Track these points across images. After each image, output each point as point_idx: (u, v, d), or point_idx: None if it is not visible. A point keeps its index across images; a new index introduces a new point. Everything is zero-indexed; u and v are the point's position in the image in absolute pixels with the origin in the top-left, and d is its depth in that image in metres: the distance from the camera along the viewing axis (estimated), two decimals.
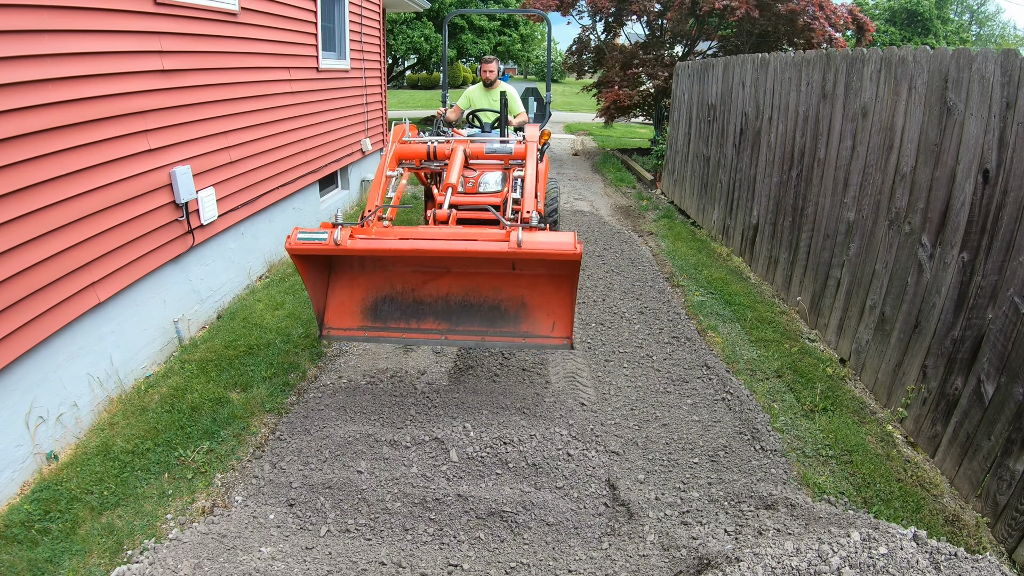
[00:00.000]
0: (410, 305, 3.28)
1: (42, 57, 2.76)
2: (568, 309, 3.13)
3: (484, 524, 2.60)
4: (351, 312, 3.27)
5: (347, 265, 3.31)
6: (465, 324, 3.23)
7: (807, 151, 4.62)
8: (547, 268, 3.20)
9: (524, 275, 3.24)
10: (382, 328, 3.24)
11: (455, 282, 3.29)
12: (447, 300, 3.28)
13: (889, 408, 3.44)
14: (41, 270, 2.78)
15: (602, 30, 13.26)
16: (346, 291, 3.29)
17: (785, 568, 1.92)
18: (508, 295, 3.25)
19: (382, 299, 3.29)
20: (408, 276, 3.30)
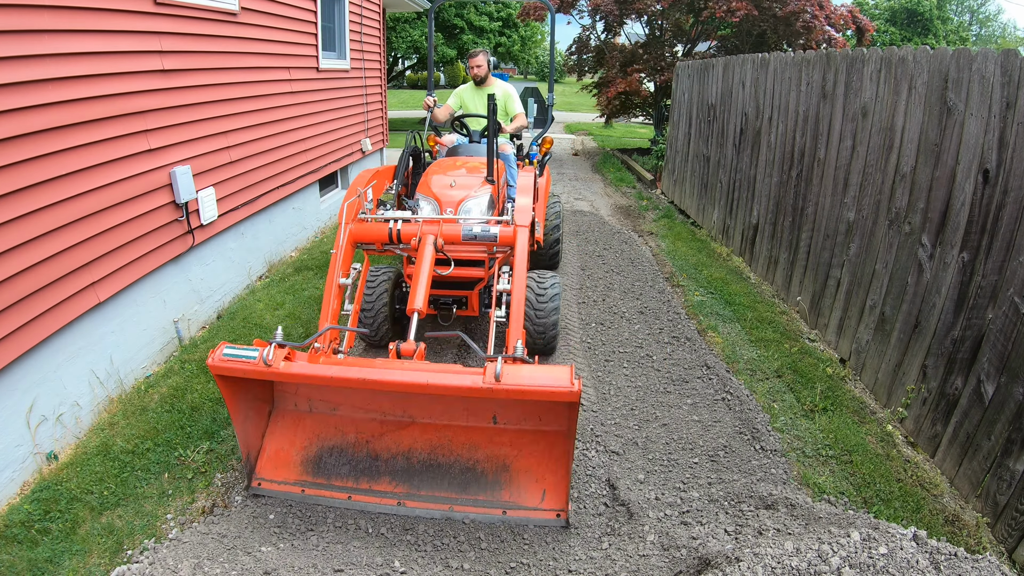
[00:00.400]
0: (362, 460, 2.70)
1: (42, 57, 2.76)
2: (563, 472, 2.54)
3: None
4: (289, 461, 2.71)
5: (289, 403, 2.79)
6: (429, 488, 2.62)
7: (807, 151, 4.62)
8: (535, 420, 2.64)
9: (508, 430, 2.68)
10: (324, 485, 2.66)
11: (420, 435, 2.71)
12: (408, 457, 2.69)
13: (889, 408, 3.44)
14: (41, 270, 2.78)
15: (602, 30, 13.26)
16: (286, 435, 2.76)
17: (785, 568, 1.92)
18: (486, 454, 2.66)
19: (328, 449, 2.73)
20: (363, 424, 2.75)
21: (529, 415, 2.65)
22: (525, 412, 2.66)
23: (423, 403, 2.70)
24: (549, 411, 2.62)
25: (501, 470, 2.63)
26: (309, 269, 5.30)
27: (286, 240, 5.75)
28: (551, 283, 3.71)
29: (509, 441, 2.66)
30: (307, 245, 6.16)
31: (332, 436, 2.75)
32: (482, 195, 3.59)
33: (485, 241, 3.18)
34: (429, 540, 2.52)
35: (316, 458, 2.72)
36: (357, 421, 2.76)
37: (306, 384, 2.69)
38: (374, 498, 2.62)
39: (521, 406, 2.62)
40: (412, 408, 2.72)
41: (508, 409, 2.66)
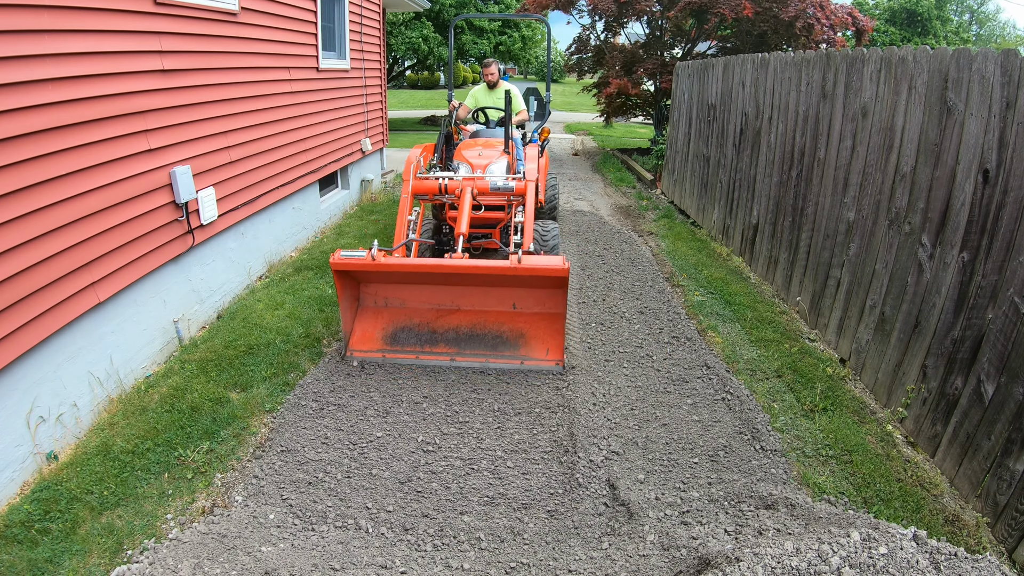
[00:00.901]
0: (425, 334, 3.91)
1: (42, 57, 2.76)
2: (559, 338, 3.80)
3: (486, 515, 2.61)
4: (373, 338, 3.91)
5: (370, 300, 4.01)
6: (472, 349, 3.86)
7: (807, 151, 4.62)
8: (541, 305, 3.90)
9: (523, 313, 3.94)
10: (399, 351, 3.86)
11: (464, 318, 3.94)
12: (457, 331, 3.92)
13: (889, 408, 3.44)
14: (41, 270, 2.78)
15: (602, 30, 13.26)
16: (370, 321, 3.96)
17: (785, 568, 1.92)
18: (509, 328, 3.92)
19: (400, 329, 3.93)
20: (424, 312, 3.97)
21: (537, 302, 3.92)
22: (535, 299, 3.92)
23: (467, 294, 3.95)
24: (550, 297, 3.87)
25: (519, 337, 3.89)
26: (309, 269, 5.29)
27: (286, 240, 5.75)
28: (552, 227, 5.17)
29: (524, 320, 3.94)
30: (307, 245, 6.15)
31: (403, 321, 3.97)
32: (501, 162, 4.98)
33: (505, 191, 4.51)
34: (429, 540, 2.52)
35: (392, 335, 3.92)
36: (420, 311, 4.00)
37: (386, 282, 3.95)
38: (434, 356, 3.83)
39: (532, 294, 3.89)
40: (459, 299, 3.97)
41: (523, 298, 3.93)
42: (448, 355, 3.80)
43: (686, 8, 10.65)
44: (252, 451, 3.04)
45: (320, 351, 4.01)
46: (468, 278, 3.75)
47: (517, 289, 3.90)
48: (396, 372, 3.79)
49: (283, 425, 3.23)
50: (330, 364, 3.86)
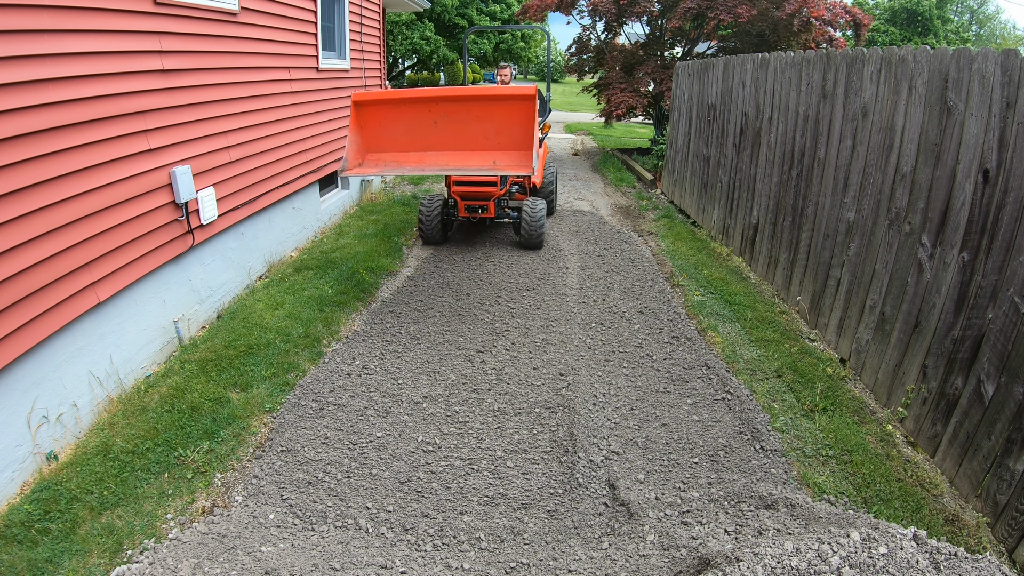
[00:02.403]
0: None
1: (42, 57, 2.76)
2: (527, 152, 4.34)
3: (486, 515, 2.61)
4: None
5: (373, 166, 4.45)
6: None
7: (807, 151, 4.62)
8: (517, 161, 4.38)
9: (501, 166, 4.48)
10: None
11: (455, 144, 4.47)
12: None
13: (889, 408, 3.44)
14: (41, 270, 2.78)
15: (602, 30, 13.26)
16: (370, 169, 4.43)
17: (785, 568, 1.92)
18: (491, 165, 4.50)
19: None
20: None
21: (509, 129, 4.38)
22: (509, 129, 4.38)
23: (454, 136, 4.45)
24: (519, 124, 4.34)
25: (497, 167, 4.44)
26: (309, 269, 5.29)
27: (286, 240, 5.75)
28: (540, 205, 6.18)
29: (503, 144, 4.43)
30: (307, 245, 6.15)
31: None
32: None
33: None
34: (429, 540, 2.52)
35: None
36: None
37: (391, 131, 4.39)
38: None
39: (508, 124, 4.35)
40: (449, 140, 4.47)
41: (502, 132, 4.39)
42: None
43: (685, 14, 10.64)
44: (252, 451, 3.04)
45: (320, 351, 4.01)
46: (458, 130, 4.30)
47: (497, 152, 4.47)
48: (396, 372, 3.79)
49: (283, 425, 3.23)
50: (330, 364, 3.86)
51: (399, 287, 5.22)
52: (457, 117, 4.23)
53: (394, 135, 4.35)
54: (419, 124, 4.29)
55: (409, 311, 4.71)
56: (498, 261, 5.89)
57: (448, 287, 5.22)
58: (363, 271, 5.30)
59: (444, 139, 4.34)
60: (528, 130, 4.21)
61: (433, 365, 3.89)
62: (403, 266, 5.78)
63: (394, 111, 4.26)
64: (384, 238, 6.32)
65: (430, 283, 5.30)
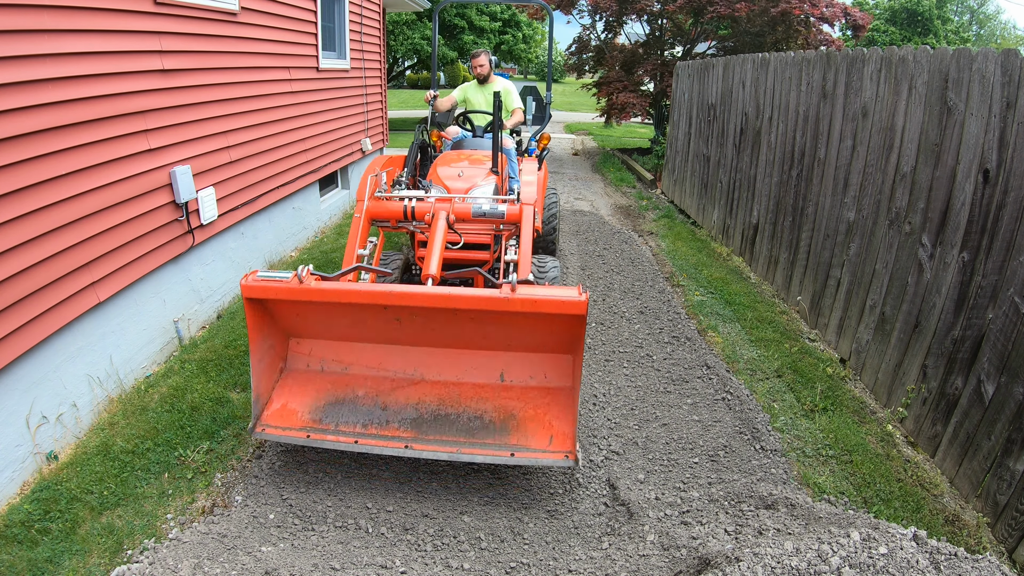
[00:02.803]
0: (372, 409, 2.80)
1: (42, 57, 2.76)
2: (569, 418, 2.67)
3: (486, 515, 2.61)
4: (296, 412, 2.77)
5: (303, 361, 2.94)
6: (437, 433, 2.71)
7: (807, 151, 4.62)
8: (543, 374, 2.83)
9: (515, 387, 2.84)
10: (331, 431, 2.73)
11: (430, 391, 2.84)
12: (417, 407, 2.81)
13: (889, 408, 3.44)
14: (41, 270, 2.78)
15: (602, 29, 13.26)
16: (297, 386, 2.87)
17: (785, 568, 1.92)
18: (494, 405, 2.80)
19: (337, 400, 2.84)
20: (373, 381, 2.89)
21: (536, 369, 2.88)
22: (533, 366, 2.87)
23: (435, 357, 2.90)
24: (556, 360, 2.83)
25: (509, 419, 2.80)
26: None
27: (286, 240, 5.75)
28: (551, 265, 4.15)
29: (516, 395, 2.86)
30: (307, 245, 6.15)
31: (342, 390, 2.90)
32: (487, 185, 3.84)
33: (493, 218, 3.34)
34: (429, 540, 2.52)
35: (324, 409, 2.86)
36: (369, 379, 2.93)
37: (322, 334, 2.89)
38: (381, 443, 2.72)
39: (529, 359, 2.84)
40: (423, 365, 2.92)
41: (515, 365, 2.87)
42: (403, 441, 2.69)
43: (684, 7, 10.64)
44: (252, 451, 3.04)
45: None
46: (437, 328, 2.72)
47: (508, 353, 2.87)
48: None
49: None
50: None
51: None
52: (436, 321, 2.75)
53: (332, 326, 2.89)
54: (373, 320, 2.78)
55: None
56: None
57: None
58: None
59: (417, 335, 2.85)
60: (567, 393, 2.79)
61: None
62: None
63: (323, 311, 2.74)
64: (384, 237, 6.32)
65: None
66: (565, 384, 2.81)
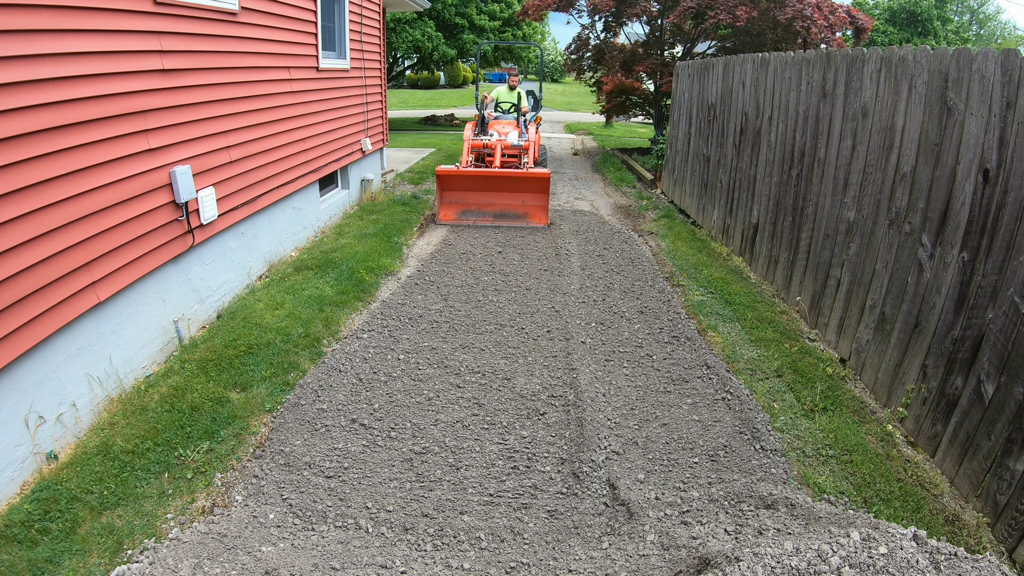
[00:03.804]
0: (475, 211, 7.42)
1: (42, 57, 2.76)
2: (545, 211, 7.30)
3: (486, 515, 2.61)
4: (449, 215, 7.42)
5: (450, 197, 7.42)
6: (504, 220, 7.35)
7: (807, 151, 4.62)
8: (535, 197, 7.30)
9: (528, 204, 7.39)
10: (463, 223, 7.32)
11: (498, 203, 7.41)
12: (494, 210, 7.42)
13: (889, 408, 3.44)
14: (41, 270, 2.78)
15: (601, 29, 13.25)
16: (448, 206, 7.45)
17: (785, 568, 1.92)
18: (521, 210, 7.40)
19: (464, 210, 7.43)
20: (476, 203, 7.44)
21: (533, 194, 7.33)
22: (534, 194, 7.33)
23: (503, 179, 7.25)
24: (540, 191, 7.25)
25: (524, 214, 7.41)
26: (309, 269, 5.29)
27: (286, 240, 5.75)
28: (539, 167, 8.17)
29: (529, 206, 7.40)
30: (307, 245, 6.15)
31: (465, 206, 7.49)
32: (515, 133, 8.24)
33: (517, 147, 7.96)
34: (429, 540, 2.52)
35: (459, 213, 7.43)
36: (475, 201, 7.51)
37: (461, 183, 7.39)
38: (482, 220, 7.39)
39: (533, 190, 7.29)
40: (495, 197, 7.40)
41: (528, 195, 7.34)
42: (491, 218, 7.35)
43: (685, 12, 10.64)
44: (252, 451, 3.04)
45: (320, 351, 4.01)
46: (500, 181, 7.20)
47: (524, 193, 7.33)
48: (397, 378, 3.79)
49: (283, 425, 3.23)
50: (330, 363, 3.86)
51: (398, 287, 5.22)
52: (500, 181, 7.31)
53: (463, 185, 7.39)
54: (478, 182, 7.36)
55: (408, 311, 4.71)
56: (497, 261, 5.89)
57: (448, 287, 5.22)
58: (363, 271, 5.30)
59: (493, 186, 7.35)
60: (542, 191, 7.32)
61: (430, 368, 3.89)
62: (403, 266, 5.78)
63: (461, 178, 7.33)
64: (384, 238, 6.32)
65: (430, 283, 5.30)
66: (543, 202, 7.29)
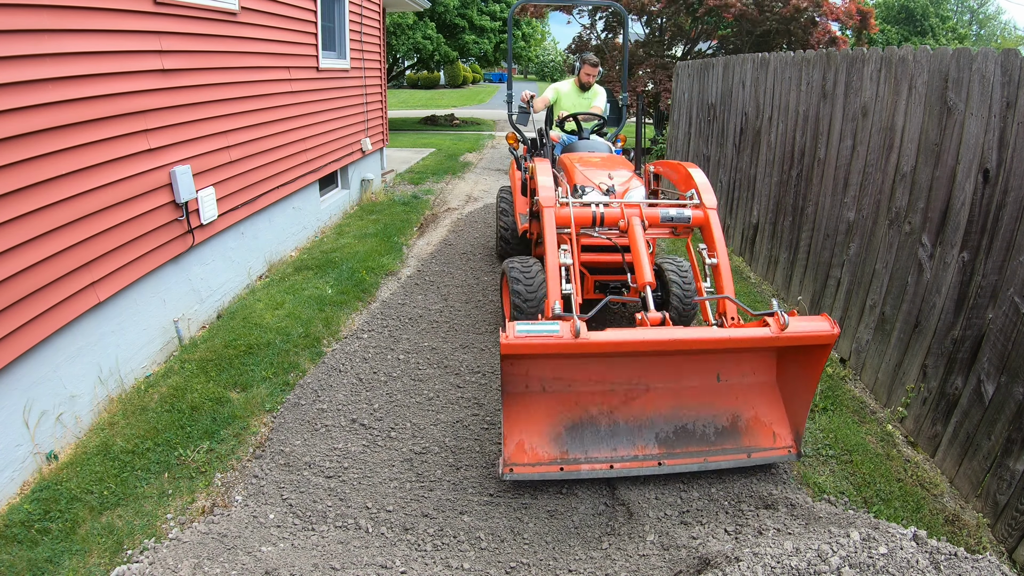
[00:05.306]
0: (603, 427, 2.91)
1: (42, 57, 2.76)
2: (787, 423, 2.90)
3: (486, 515, 2.61)
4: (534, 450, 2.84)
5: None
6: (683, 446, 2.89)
7: (807, 151, 4.62)
8: (757, 374, 3.02)
9: (731, 386, 3.00)
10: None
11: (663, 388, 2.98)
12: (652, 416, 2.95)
13: (889, 408, 3.44)
14: (41, 270, 2.78)
15: (602, 29, 13.26)
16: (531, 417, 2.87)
17: (785, 568, 1.92)
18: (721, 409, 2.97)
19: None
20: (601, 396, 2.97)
21: (752, 369, 3.06)
22: (749, 368, 3.06)
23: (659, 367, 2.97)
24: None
25: (733, 427, 3.00)
26: (309, 269, 5.29)
27: (286, 240, 5.75)
28: (685, 264, 4.06)
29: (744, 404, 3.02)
30: (307, 244, 6.15)
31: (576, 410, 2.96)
32: (638, 187, 3.82)
33: (680, 222, 3.34)
34: (429, 540, 2.52)
35: (562, 435, 2.91)
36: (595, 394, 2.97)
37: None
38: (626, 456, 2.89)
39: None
40: (648, 376, 2.98)
41: (728, 364, 3.03)
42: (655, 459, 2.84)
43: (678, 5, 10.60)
44: (252, 451, 3.04)
45: (320, 351, 4.01)
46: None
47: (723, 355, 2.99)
48: (397, 378, 3.79)
49: (283, 425, 3.23)
50: (330, 363, 3.86)
51: (399, 287, 5.22)
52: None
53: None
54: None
55: (409, 311, 4.71)
56: (496, 261, 5.89)
57: (448, 287, 5.22)
58: (363, 271, 5.30)
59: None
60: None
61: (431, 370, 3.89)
62: (403, 266, 5.78)
63: None
64: (384, 238, 6.32)
65: (430, 283, 5.30)
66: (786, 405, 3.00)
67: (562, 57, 15.39)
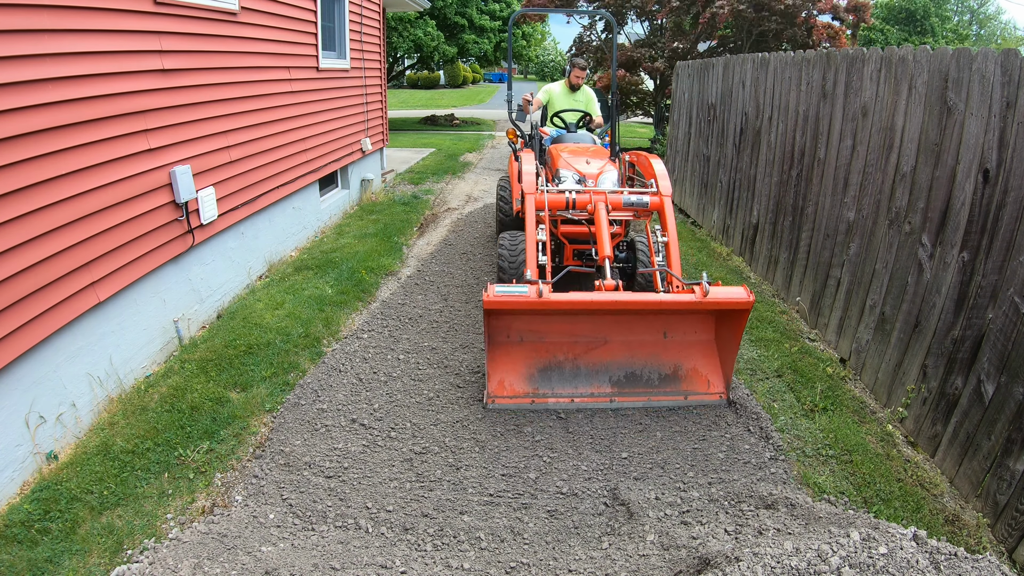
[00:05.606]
0: (568, 369, 3.52)
1: (42, 57, 2.76)
2: (719, 371, 3.48)
3: (486, 514, 2.61)
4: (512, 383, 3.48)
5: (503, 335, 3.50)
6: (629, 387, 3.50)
7: (807, 151, 4.62)
8: (698, 333, 3.56)
9: (674, 342, 3.57)
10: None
11: (617, 339, 3.54)
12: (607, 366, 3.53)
13: (889, 408, 3.44)
14: (41, 270, 2.78)
15: (601, 30, 13.26)
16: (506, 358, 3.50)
17: (785, 568, 1.92)
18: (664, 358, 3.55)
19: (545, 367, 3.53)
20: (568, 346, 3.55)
21: (693, 327, 3.60)
22: (690, 326, 3.60)
23: (619, 326, 3.55)
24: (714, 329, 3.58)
25: (675, 374, 3.57)
26: (309, 269, 5.29)
27: (286, 240, 5.75)
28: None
29: (683, 355, 3.59)
30: (307, 244, 6.15)
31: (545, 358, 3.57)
32: (612, 171, 4.47)
33: (639, 207, 3.98)
34: (429, 540, 2.52)
35: (535, 376, 3.53)
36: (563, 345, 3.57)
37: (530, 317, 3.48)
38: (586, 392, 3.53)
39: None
40: (608, 328, 3.56)
41: (677, 326, 3.58)
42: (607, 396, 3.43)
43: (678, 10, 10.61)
44: (252, 451, 3.04)
45: (320, 351, 4.01)
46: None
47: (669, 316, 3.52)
48: (397, 378, 3.79)
49: (283, 425, 3.23)
50: (330, 363, 3.86)
51: (399, 287, 5.22)
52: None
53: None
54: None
55: (408, 311, 4.71)
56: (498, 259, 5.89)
57: (448, 287, 5.22)
58: (363, 271, 5.30)
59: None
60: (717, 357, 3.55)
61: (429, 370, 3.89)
62: (403, 266, 5.78)
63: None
64: (384, 238, 6.32)
65: (430, 283, 5.30)
66: (718, 354, 3.58)
67: (562, 58, 15.43)
